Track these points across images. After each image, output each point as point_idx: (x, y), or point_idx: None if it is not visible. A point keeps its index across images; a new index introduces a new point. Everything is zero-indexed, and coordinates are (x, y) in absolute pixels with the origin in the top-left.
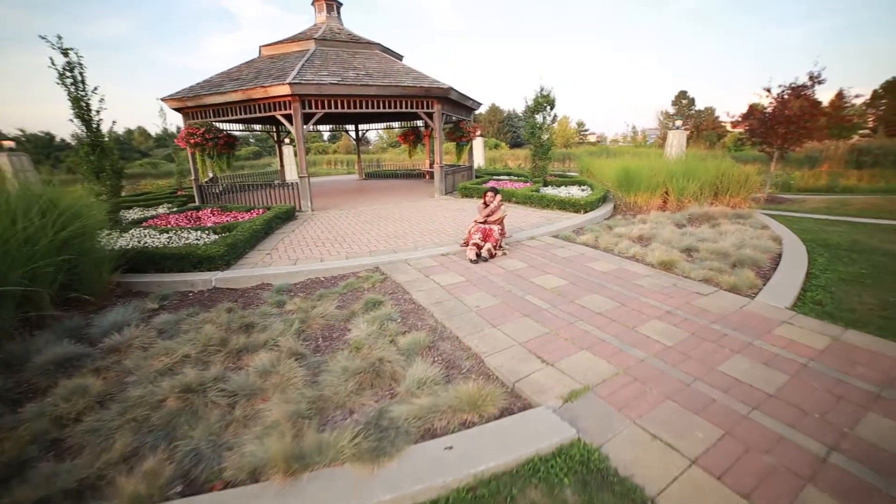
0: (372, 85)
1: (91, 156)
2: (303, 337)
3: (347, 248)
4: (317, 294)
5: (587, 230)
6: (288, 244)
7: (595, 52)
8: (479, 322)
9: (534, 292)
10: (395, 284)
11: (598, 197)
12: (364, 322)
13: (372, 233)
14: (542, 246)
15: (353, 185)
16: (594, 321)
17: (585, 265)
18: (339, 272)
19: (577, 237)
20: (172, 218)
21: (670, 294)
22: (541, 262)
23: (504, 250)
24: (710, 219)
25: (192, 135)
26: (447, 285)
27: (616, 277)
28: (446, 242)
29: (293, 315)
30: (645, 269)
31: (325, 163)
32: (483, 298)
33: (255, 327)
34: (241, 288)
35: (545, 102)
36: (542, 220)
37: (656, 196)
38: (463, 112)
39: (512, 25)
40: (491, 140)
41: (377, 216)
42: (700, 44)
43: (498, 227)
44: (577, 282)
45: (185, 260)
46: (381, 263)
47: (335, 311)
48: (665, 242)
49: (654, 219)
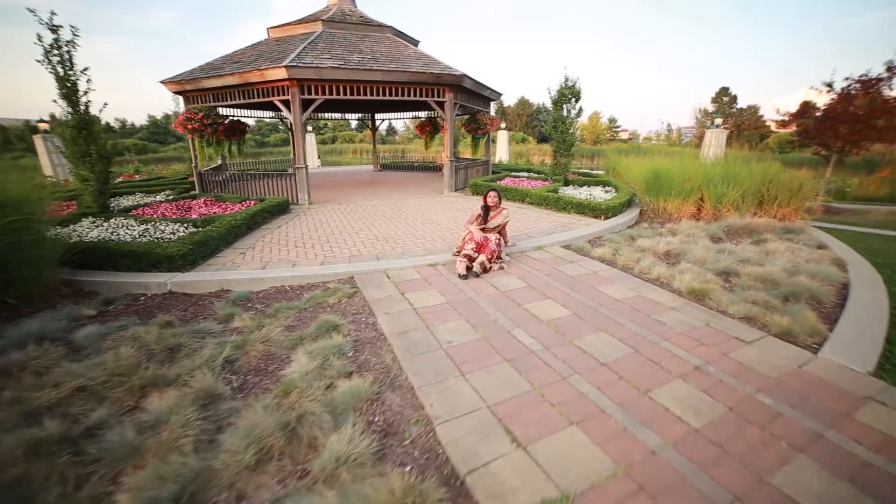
0: (376, 70)
1: (77, 139)
2: (232, 368)
3: (328, 251)
4: (273, 308)
5: (605, 241)
6: (268, 242)
7: (629, 47)
8: (445, 366)
9: (526, 325)
10: (362, 302)
11: (621, 201)
12: (306, 355)
13: (362, 233)
14: (549, 260)
15: (365, 176)
16: (595, 376)
17: (596, 289)
18: (309, 281)
19: (593, 249)
20: (163, 207)
21: (701, 338)
22: (543, 281)
23: (502, 263)
24: (753, 233)
25: (189, 119)
26: (422, 308)
27: (633, 308)
28: (438, 249)
29: (233, 337)
30: (670, 297)
31: (350, 152)
32: (460, 330)
33: (182, 351)
34: (198, 294)
35: (570, 94)
36: (556, 225)
37: (689, 203)
38: (480, 103)
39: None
40: (518, 134)
41: (374, 213)
42: (745, 37)
43: (496, 236)
44: (583, 312)
45: (144, 258)
46: (358, 273)
47: (281, 335)
48: (697, 262)
49: (685, 230)
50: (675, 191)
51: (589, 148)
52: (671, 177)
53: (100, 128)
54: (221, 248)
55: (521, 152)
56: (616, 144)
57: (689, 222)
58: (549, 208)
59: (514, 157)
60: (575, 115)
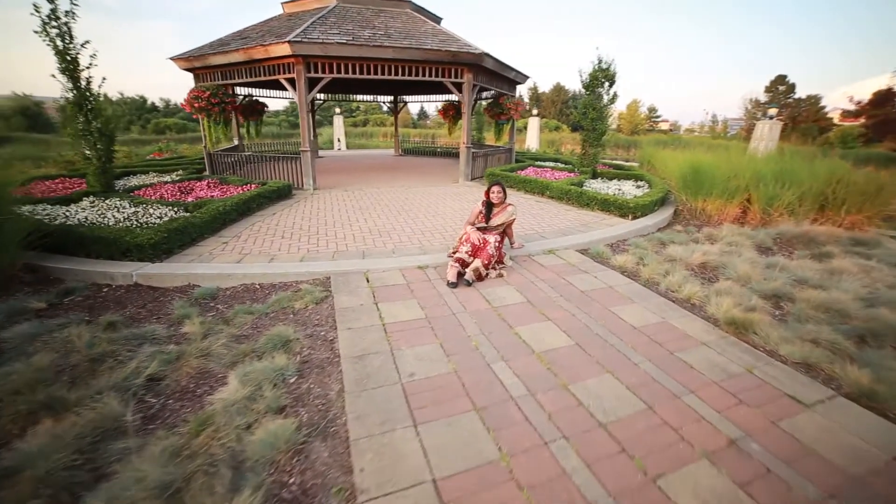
0: (387, 46)
1: (78, 116)
2: (156, 389)
3: (314, 244)
4: (232, 311)
5: (630, 245)
6: (255, 232)
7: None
8: (396, 409)
9: (512, 356)
10: (329, 311)
11: (653, 199)
12: (241, 378)
13: (357, 225)
14: (560, 267)
15: (384, 161)
16: (588, 445)
17: (610, 310)
18: (282, 279)
19: (613, 256)
20: (166, 188)
21: (741, 392)
22: (546, 296)
23: (502, 269)
24: (812, 243)
25: (196, 98)
26: (393, 324)
27: (652, 341)
28: (434, 248)
29: (171, 346)
30: (703, 327)
31: (381, 135)
32: (430, 357)
33: (108, 361)
34: (164, 288)
35: (603, 77)
36: (575, 224)
37: (733, 204)
38: (504, 85)
39: None
40: (552, 121)
41: (377, 202)
42: (804, 21)
43: (496, 237)
44: (589, 343)
45: (114, 246)
46: (336, 273)
47: (225, 347)
48: (740, 280)
49: (726, 236)
50: (718, 189)
51: (625, 138)
52: (713, 173)
53: (101, 104)
54: (205, 236)
55: (554, 140)
56: (654, 135)
57: (731, 227)
58: (571, 204)
59: (544, 145)
60: (608, 101)
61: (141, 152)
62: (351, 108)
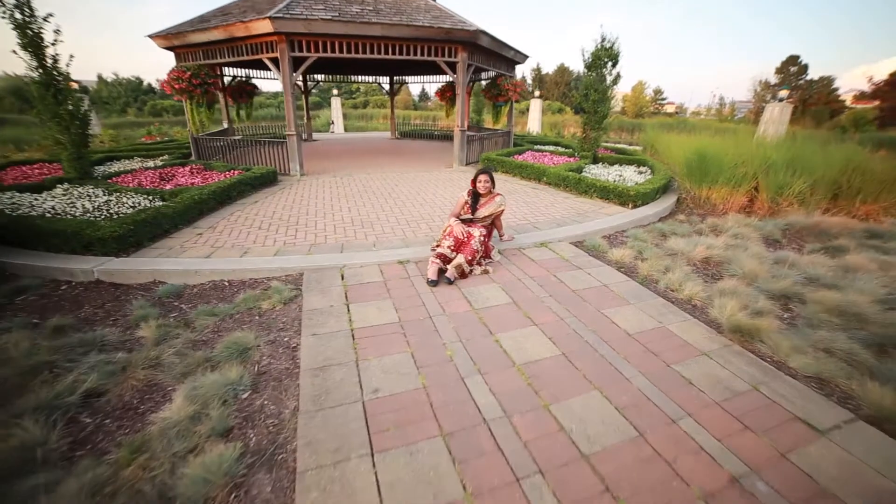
0: (375, 23)
1: (45, 97)
2: (94, 406)
3: (292, 236)
4: (195, 312)
5: (629, 237)
6: (233, 222)
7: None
8: (354, 434)
9: (490, 369)
10: (297, 312)
11: (655, 186)
12: (187, 395)
13: (339, 214)
14: (551, 262)
15: (378, 144)
16: (566, 482)
17: (603, 313)
18: (253, 276)
19: (610, 250)
20: (146, 174)
21: (747, 415)
22: (534, 295)
23: (487, 265)
24: (823, 235)
25: (177, 79)
26: (362, 329)
27: (647, 351)
28: (418, 240)
29: (121, 355)
30: (704, 334)
31: (381, 117)
32: (398, 369)
33: (42, 375)
34: (127, 285)
35: (606, 57)
36: (571, 213)
37: (740, 192)
38: (502, 65)
39: None
40: (555, 103)
41: (365, 189)
42: None
43: (481, 231)
44: (577, 352)
45: (74, 240)
46: (310, 269)
47: (178, 355)
48: (746, 278)
49: (732, 227)
50: (724, 176)
51: (629, 121)
52: (719, 159)
53: (69, 86)
54: (179, 227)
55: (557, 123)
56: (659, 118)
57: (736, 217)
58: (569, 191)
59: (547, 128)
60: (611, 82)
61: (135, 135)
62: (351, 89)
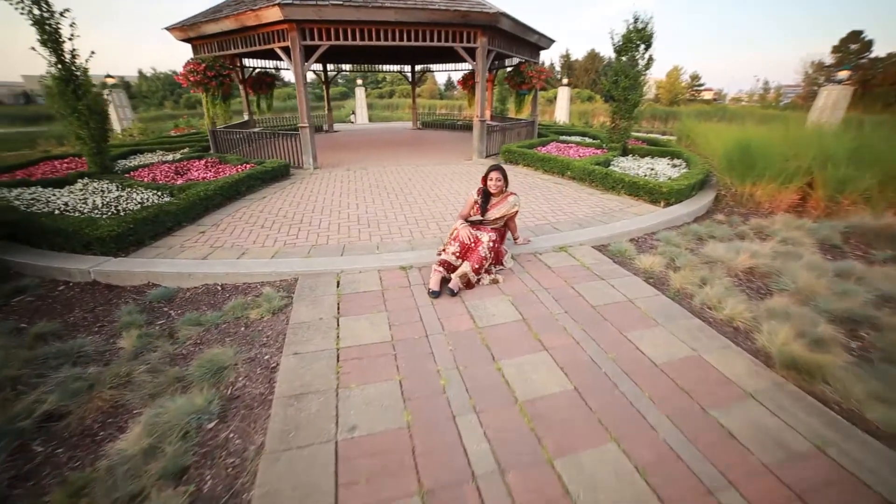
0: (389, 7)
1: (65, 93)
2: (51, 431)
3: (294, 236)
4: (181, 321)
5: (660, 240)
6: (238, 219)
7: None
8: (317, 486)
9: (487, 405)
10: (283, 324)
11: (690, 182)
12: (148, 423)
13: (346, 212)
14: (570, 270)
15: (398, 135)
16: None
17: (627, 336)
18: (246, 280)
19: (638, 256)
20: (162, 168)
21: (812, 493)
22: (547, 311)
23: (497, 274)
24: None
25: (192, 71)
26: (349, 349)
27: (678, 389)
28: (425, 242)
29: (92, 370)
30: (750, 368)
31: (406, 107)
32: (381, 401)
33: (3, 392)
34: (122, 287)
35: (637, 39)
36: (595, 212)
37: (791, 189)
38: (525, 50)
39: None
40: (585, 91)
41: (377, 183)
42: None
43: (490, 236)
44: (592, 388)
45: (75, 238)
46: (305, 274)
47: (150, 372)
48: (801, 294)
49: (780, 230)
50: (772, 171)
51: (663, 109)
52: (767, 151)
53: (89, 81)
54: (183, 225)
55: (586, 112)
56: (696, 106)
57: (786, 218)
58: (595, 186)
59: (574, 117)
60: (643, 67)
61: (167, 127)
62: (377, 79)
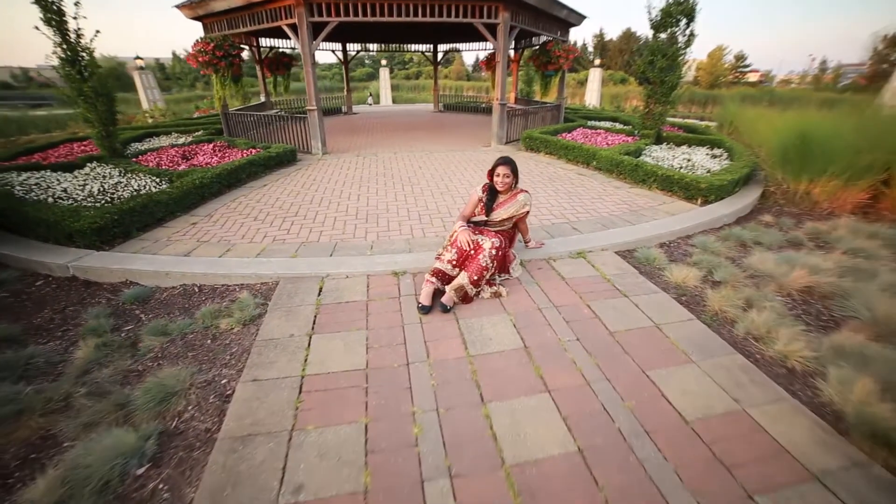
0: None
1: (71, 75)
2: None
3: (286, 231)
4: (146, 329)
5: (696, 247)
6: (232, 210)
7: None
8: None
9: (466, 468)
10: (251, 339)
11: (734, 177)
12: (64, 470)
13: (346, 203)
14: (588, 283)
15: (418, 118)
16: None
17: (649, 376)
18: (225, 282)
19: (669, 266)
20: (170, 152)
21: None
22: (556, 337)
23: (501, 285)
24: None
25: (201, 51)
26: (316, 376)
27: (716, 462)
28: (425, 242)
29: (32, 389)
30: (814, 432)
31: (432, 89)
32: (339, 455)
33: None
34: (100, 283)
35: (678, 13)
36: (622, 209)
37: (859, 187)
38: (552, 27)
39: None
40: (618, 73)
41: (385, 171)
42: None
43: (493, 242)
44: (603, 450)
45: (57, 229)
46: (287, 277)
47: (90, 396)
48: (879, 326)
49: (844, 237)
50: (839, 165)
51: (702, 92)
52: (834, 142)
53: (94, 62)
54: (177, 214)
55: (618, 95)
56: (740, 89)
57: (851, 221)
58: (623, 178)
59: (606, 101)
60: (683, 45)
61: (191, 109)
62: (404, 59)
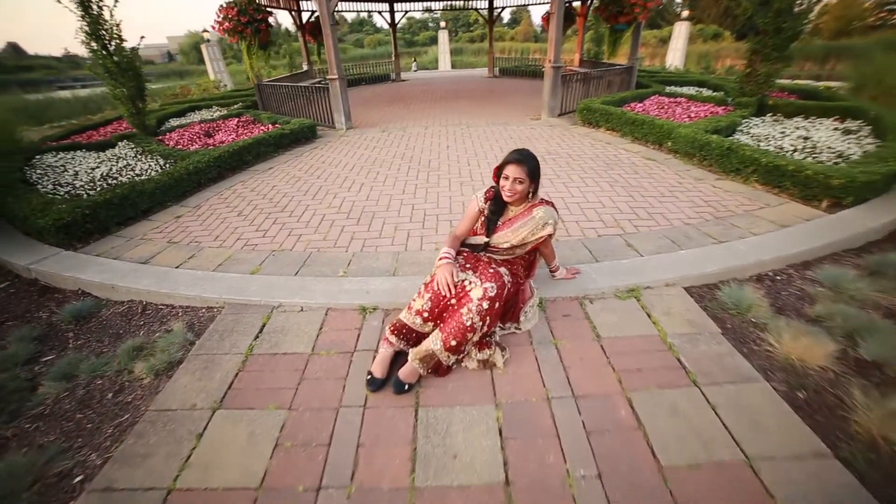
0: None
1: (95, 51)
2: None
3: (262, 233)
4: (57, 367)
5: (822, 284)
6: (225, 199)
7: None
8: None
9: None
10: (145, 405)
11: (893, 168)
12: None
13: (342, 195)
14: (634, 348)
15: (466, 85)
16: None
17: None
18: (168, 301)
19: (774, 320)
20: (194, 128)
21: None
22: (563, 465)
23: (497, 349)
24: None
25: (226, 18)
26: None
27: None
28: (418, 261)
29: None
30: None
31: (498, 51)
32: None
33: None
34: (56, 289)
35: None
36: (702, 214)
37: None
38: None
39: None
40: (710, 28)
41: (404, 152)
42: None
43: (495, 283)
44: None
45: (27, 224)
46: (233, 304)
47: None
48: None
49: None
50: None
51: (823, 44)
52: None
53: (117, 34)
54: (167, 205)
55: (707, 54)
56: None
57: None
58: (706, 166)
59: (695, 59)
60: None
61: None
62: (468, 21)
